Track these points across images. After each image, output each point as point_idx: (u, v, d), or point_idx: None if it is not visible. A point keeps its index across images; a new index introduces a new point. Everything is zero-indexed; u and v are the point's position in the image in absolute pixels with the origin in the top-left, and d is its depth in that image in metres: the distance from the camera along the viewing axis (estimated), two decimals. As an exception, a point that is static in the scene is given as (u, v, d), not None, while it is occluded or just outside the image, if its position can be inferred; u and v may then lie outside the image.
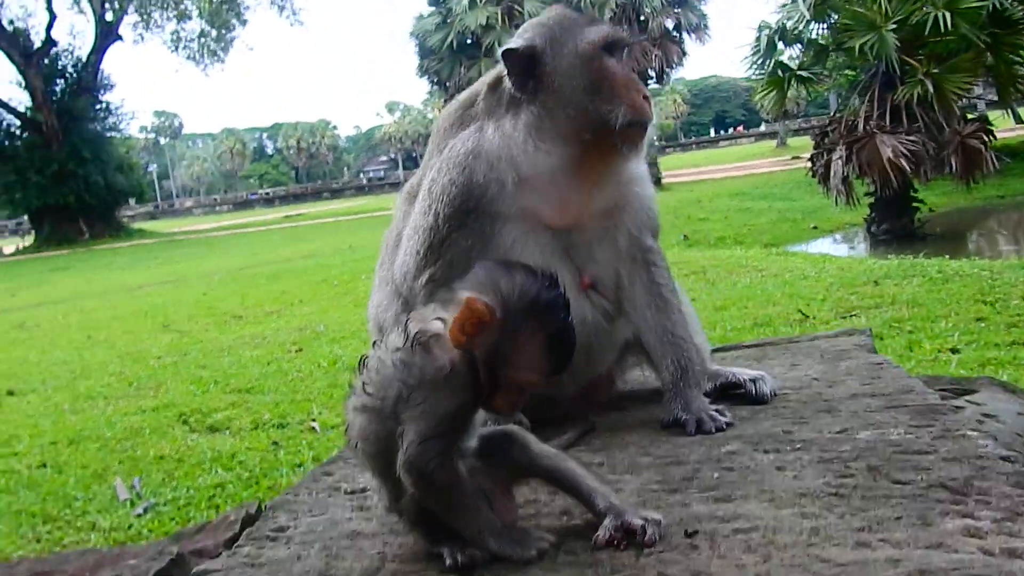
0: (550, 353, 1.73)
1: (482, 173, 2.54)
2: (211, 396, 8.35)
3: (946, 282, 9.94)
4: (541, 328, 1.71)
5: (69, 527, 5.53)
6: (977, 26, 15.36)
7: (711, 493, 1.99)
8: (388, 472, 1.80)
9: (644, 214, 2.74)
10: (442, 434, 1.71)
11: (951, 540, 1.60)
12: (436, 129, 2.81)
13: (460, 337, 1.71)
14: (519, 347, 1.71)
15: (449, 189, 2.55)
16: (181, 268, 25.34)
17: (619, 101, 2.46)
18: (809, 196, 22.49)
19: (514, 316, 1.70)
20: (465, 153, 2.57)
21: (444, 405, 1.71)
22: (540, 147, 2.51)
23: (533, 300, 1.71)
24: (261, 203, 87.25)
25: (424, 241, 2.59)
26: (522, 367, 1.73)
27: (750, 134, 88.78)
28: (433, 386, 1.71)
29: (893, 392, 2.56)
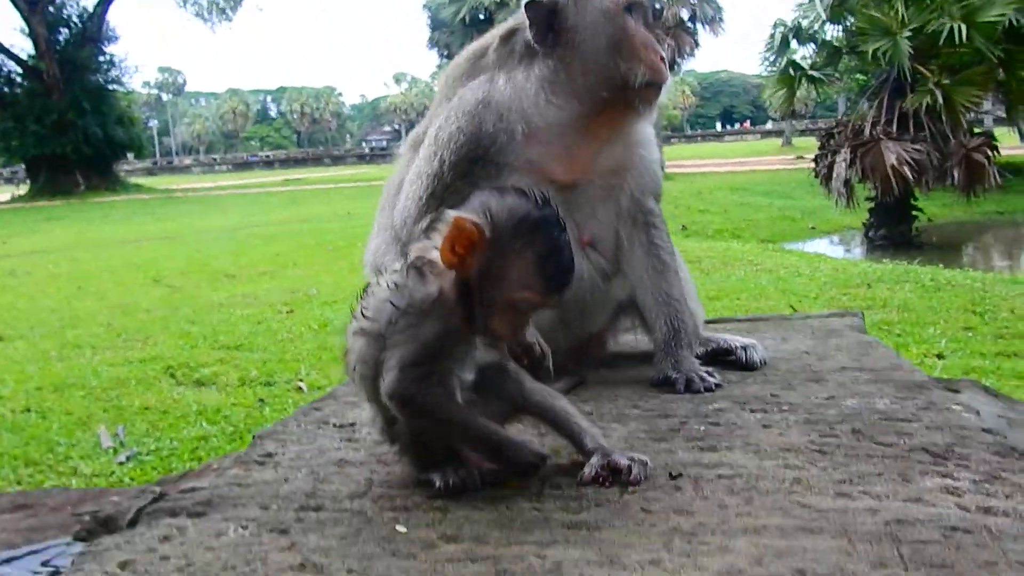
0: (543, 270, 1.70)
1: (491, 123, 2.54)
2: (199, 351, 8.36)
3: (938, 290, 10.01)
4: (531, 245, 1.69)
5: (51, 471, 5.55)
6: (992, 40, 15.37)
7: (696, 443, 2.02)
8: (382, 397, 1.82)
9: (648, 176, 2.76)
10: (423, 362, 1.71)
11: (929, 496, 1.64)
12: (445, 78, 2.81)
13: (451, 257, 1.70)
14: (510, 265, 1.69)
15: (457, 136, 2.56)
16: (176, 225, 25.25)
17: (638, 60, 2.47)
18: (810, 196, 22.52)
19: (503, 234, 1.69)
20: (475, 102, 2.57)
21: (428, 332, 1.72)
22: (552, 101, 2.52)
23: (522, 218, 1.70)
24: (261, 165, 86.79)
25: (427, 187, 2.60)
26: (515, 286, 1.70)
27: (756, 131, 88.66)
28: (420, 312, 1.73)
29: (881, 368, 2.60)
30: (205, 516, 1.77)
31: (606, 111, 2.55)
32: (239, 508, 1.80)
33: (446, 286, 1.74)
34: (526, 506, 1.72)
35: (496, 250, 1.69)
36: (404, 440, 1.86)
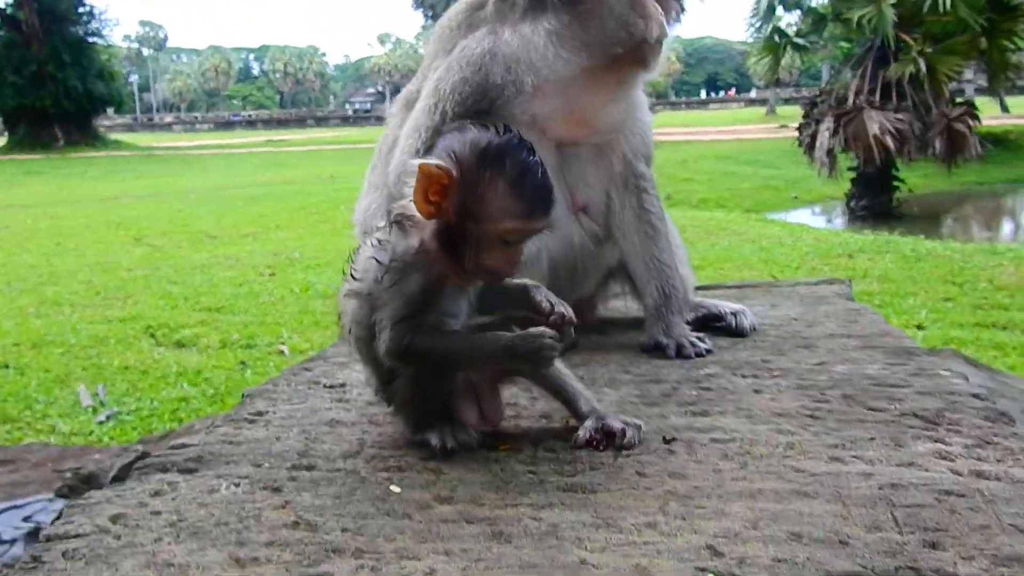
0: (519, 195, 1.65)
1: (499, 74, 2.50)
2: (180, 312, 8.32)
3: (918, 261, 10.09)
4: (501, 172, 1.65)
5: (29, 428, 5.53)
6: (976, 9, 15.36)
7: (689, 407, 2.03)
8: (376, 356, 1.81)
9: (640, 138, 2.75)
10: (412, 314, 1.71)
11: (922, 460, 1.65)
12: (440, 30, 2.75)
13: (426, 207, 1.67)
14: (486, 198, 1.65)
15: (461, 87, 2.52)
16: (157, 183, 25.00)
17: (651, 17, 2.48)
18: (794, 166, 22.56)
19: (470, 169, 1.65)
20: (482, 52, 2.53)
21: (412, 284, 1.71)
22: (561, 55, 2.49)
23: (485, 148, 1.66)
24: (243, 125, 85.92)
25: (426, 141, 2.54)
26: (496, 217, 1.66)
27: (740, 99, 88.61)
28: (403, 265, 1.71)
29: (870, 334, 2.61)
30: (197, 472, 1.76)
31: (613, 66, 2.54)
32: (231, 465, 1.79)
33: (426, 236, 1.72)
34: (520, 469, 1.72)
35: (468, 187, 1.65)
36: (400, 400, 1.86)
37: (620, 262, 2.80)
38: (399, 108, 2.89)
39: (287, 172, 28.09)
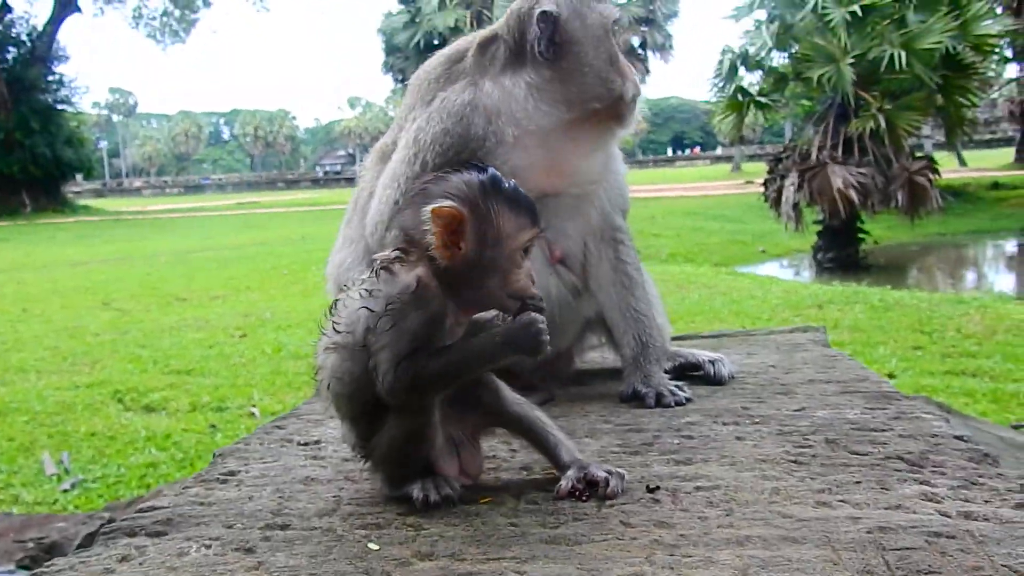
0: (522, 206, 1.76)
1: (481, 126, 2.52)
2: (149, 376, 8.19)
3: (887, 311, 10.20)
4: (501, 196, 1.74)
5: (-9, 499, 5.38)
6: (930, 67, 15.81)
7: (672, 456, 2.00)
8: (358, 411, 1.79)
9: (617, 191, 2.78)
10: (414, 351, 1.68)
11: (909, 503, 1.63)
12: (417, 82, 2.76)
13: (447, 250, 1.70)
14: (500, 221, 1.73)
15: (442, 138, 2.52)
16: (126, 247, 24.81)
17: (628, 77, 2.55)
18: (760, 220, 22.88)
19: (477, 202, 1.72)
20: (462, 104, 2.54)
21: (414, 322, 1.69)
22: (541, 108, 2.52)
23: (480, 182, 1.74)
24: (213, 188, 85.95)
25: (405, 190, 2.52)
26: (513, 233, 1.74)
27: (706, 156, 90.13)
28: (401, 307, 1.70)
29: (848, 380, 2.61)
30: (166, 535, 1.70)
31: (591, 121, 2.57)
32: (202, 527, 1.73)
33: (423, 275, 1.72)
34: (502, 521, 1.67)
35: (481, 219, 1.71)
36: (379, 456, 1.81)
37: (597, 313, 2.79)
38: (374, 160, 2.89)
39: (258, 234, 28.02)
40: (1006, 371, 7.31)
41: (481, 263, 1.72)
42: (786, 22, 17.52)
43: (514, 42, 2.56)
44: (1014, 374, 7.21)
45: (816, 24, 17.12)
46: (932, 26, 15.68)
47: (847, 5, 16.16)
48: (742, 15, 18.75)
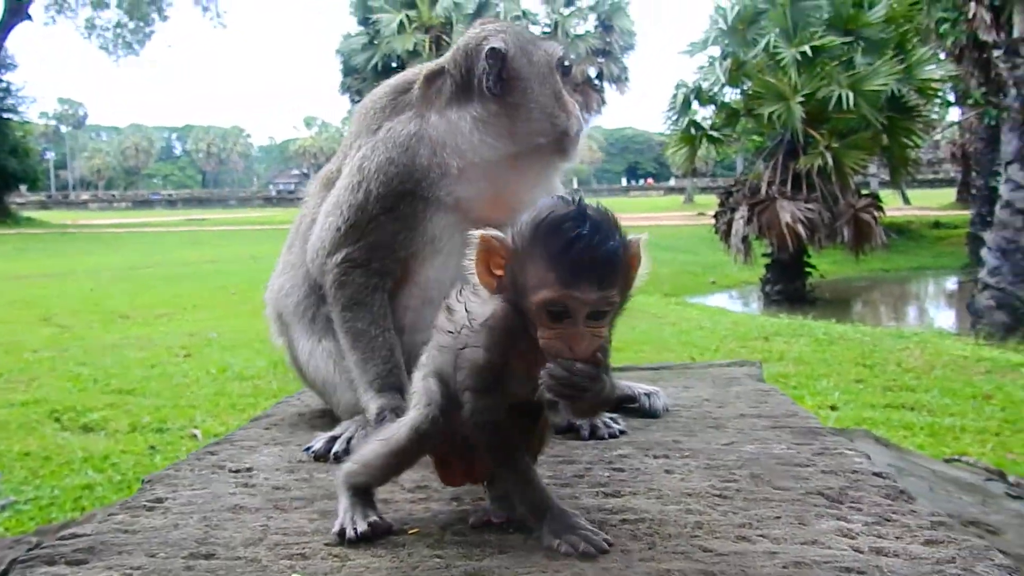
0: (559, 261, 1.51)
1: (426, 157, 2.54)
2: (88, 395, 8.02)
3: (831, 344, 10.40)
4: (547, 241, 1.53)
5: (-83, 521, 5.21)
6: (876, 108, 16.25)
7: (601, 489, 2.02)
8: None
9: None
10: (482, 390, 1.65)
11: (825, 538, 1.67)
12: (363, 110, 2.78)
13: (487, 278, 1.61)
14: (527, 267, 1.55)
15: (387, 168, 2.54)
16: (70, 262, 24.32)
17: (570, 111, 2.58)
18: (711, 252, 23.21)
19: (523, 239, 1.57)
20: (408, 135, 2.57)
21: (482, 356, 1.64)
22: (486, 141, 2.53)
23: (542, 219, 1.57)
24: (163, 204, 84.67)
25: (348, 218, 2.56)
26: (535, 286, 1.53)
27: (660, 187, 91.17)
28: (477, 335, 1.65)
29: (778, 415, 2.66)
30: (86, 564, 1.67)
31: (535, 155, 2.59)
32: (124, 556, 1.70)
33: (500, 309, 1.62)
34: (427, 553, 1.68)
35: (518, 258, 1.57)
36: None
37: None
38: (318, 187, 2.89)
39: (206, 252, 27.67)
40: (943, 405, 7.49)
41: (519, 303, 1.58)
42: (739, 59, 17.89)
43: (461, 76, 2.58)
44: (951, 408, 7.39)
45: (767, 62, 17.53)
46: (878, 69, 16.14)
47: (798, 45, 16.57)
48: (696, 51, 19.13)
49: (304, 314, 2.80)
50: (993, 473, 4.79)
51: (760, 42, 17.40)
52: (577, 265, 1.50)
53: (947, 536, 1.66)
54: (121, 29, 38.20)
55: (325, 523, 1.85)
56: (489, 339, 1.63)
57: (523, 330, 1.59)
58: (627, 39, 37.41)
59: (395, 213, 2.54)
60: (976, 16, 19.52)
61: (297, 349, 2.83)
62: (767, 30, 17.42)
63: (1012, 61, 14.51)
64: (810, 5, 17.12)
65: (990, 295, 14.33)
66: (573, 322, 1.53)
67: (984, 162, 26.57)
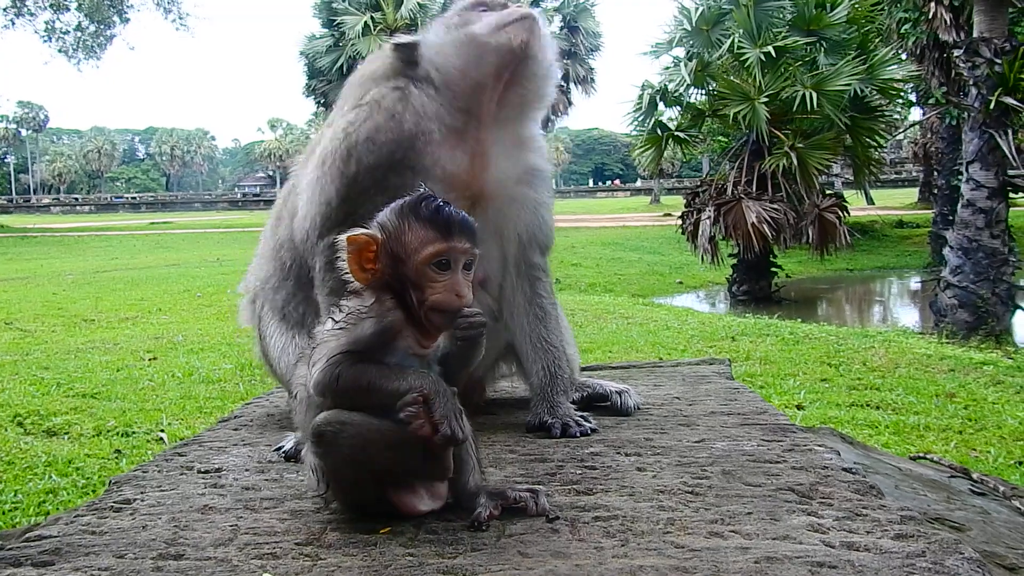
0: (434, 221, 1.77)
1: (411, 123, 2.52)
2: (51, 399, 7.87)
3: (796, 343, 10.47)
4: (414, 213, 1.78)
5: None
6: (839, 108, 16.41)
7: (573, 486, 2.02)
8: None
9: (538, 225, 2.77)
10: (352, 352, 1.72)
11: (796, 533, 1.68)
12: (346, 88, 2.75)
13: (362, 274, 1.77)
14: (405, 237, 1.76)
15: (375, 136, 2.51)
16: (32, 266, 23.93)
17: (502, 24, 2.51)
18: (677, 252, 23.35)
19: (391, 224, 1.78)
20: (394, 100, 2.54)
21: (364, 328, 1.74)
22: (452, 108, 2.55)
23: (401, 204, 1.81)
24: (126, 207, 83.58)
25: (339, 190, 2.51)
26: (417, 246, 1.75)
27: (626, 188, 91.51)
28: (356, 316, 1.75)
29: (748, 412, 2.68)
30: (52, 566, 1.64)
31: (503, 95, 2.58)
32: (91, 557, 1.68)
33: (381, 294, 1.77)
34: (400, 552, 1.67)
35: (392, 239, 1.77)
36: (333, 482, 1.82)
37: (508, 343, 2.81)
38: (304, 162, 2.86)
39: (171, 255, 27.34)
40: (908, 404, 7.57)
41: (399, 281, 1.76)
42: (704, 60, 17.99)
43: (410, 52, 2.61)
44: (915, 407, 7.47)
45: (732, 63, 17.65)
46: (841, 69, 16.30)
47: (762, 46, 16.69)
48: (661, 52, 19.22)
49: (279, 308, 2.77)
50: (957, 470, 4.85)
51: (724, 43, 17.50)
52: (450, 221, 1.77)
53: (917, 530, 1.68)
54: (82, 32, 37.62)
55: (296, 523, 1.83)
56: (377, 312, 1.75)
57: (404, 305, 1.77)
58: (593, 40, 37.50)
59: (385, 184, 2.46)
60: (936, 16, 19.80)
61: (268, 344, 2.79)
62: (731, 31, 17.54)
63: (972, 61, 14.74)
64: (774, 6, 17.27)
65: (952, 294, 14.55)
66: (453, 272, 1.76)
67: (946, 162, 26.97)
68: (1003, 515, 3.63)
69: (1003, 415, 7.21)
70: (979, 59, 14.61)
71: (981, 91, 14.65)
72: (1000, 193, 14.62)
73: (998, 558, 2.64)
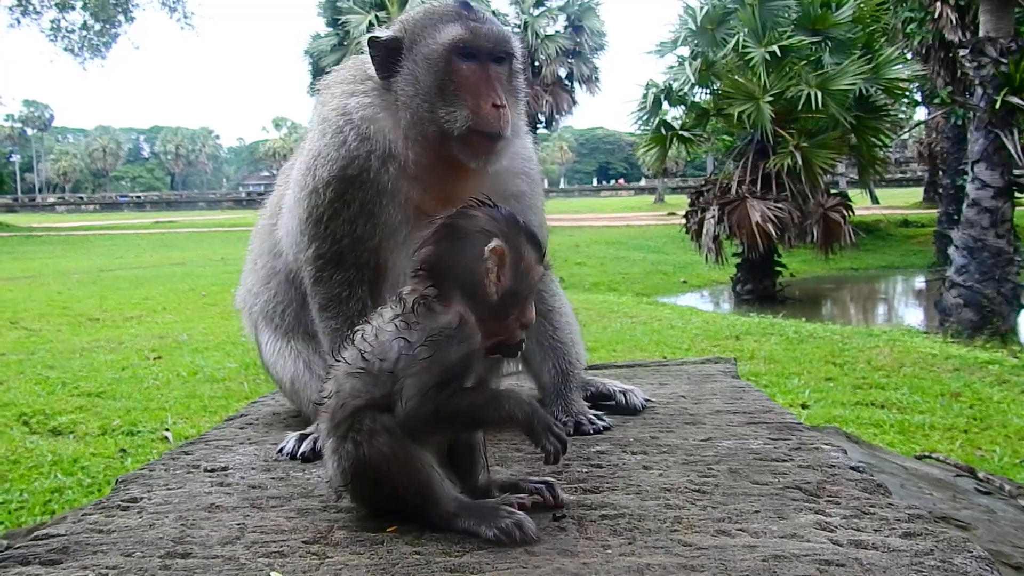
0: (538, 244, 1.87)
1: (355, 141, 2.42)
2: (57, 398, 7.90)
3: (801, 342, 10.47)
4: (523, 232, 1.86)
5: None
6: (845, 107, 16.38)
7: (580, 485, 2.02)
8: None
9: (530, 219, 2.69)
10: (448, 382, 1.72)
11: (804, 532, 1.68)
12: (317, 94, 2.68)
13: (499, 284, 1.78)
14: (526, 254, 1.83)
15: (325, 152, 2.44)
16: (37, 265, 23.97)
17: (463, 106, 2.33)
18: (682, 252, 23.33)
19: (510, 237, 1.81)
20: (338, 119, 2.46)
21: (454, 355, 1.73)
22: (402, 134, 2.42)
23: (508, 217, 1.86)
24: (131, 206, 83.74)
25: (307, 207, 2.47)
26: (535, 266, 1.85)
27: (630, 187, 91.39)
28: (440, 340, 1.74)
29: (754, 411, 2.68)
30: (60, 564, 1.64)
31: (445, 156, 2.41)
32: (99, 555, 1.68)
33: (464, 312, 1.77)
34: (407, 550, 1.67)
35: (514, 253, 1.81)
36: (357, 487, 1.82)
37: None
38: (285, 175, 2.86)
39: (176, 254, 27.39)
40: (912, 403, 7.57)
41: (514, 296, 1.80)
42: (708, 59, 17.97)
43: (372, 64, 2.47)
44: (920, 406, 7.47)
45: (737, 62, 17.63)
46: (846, 68, 16.27)
47: (766, 45, 16.67)
48: (666, 51, 19.19)
49: (272, 314, 2.76)
50: (963, 469, 4.85)
51: (729, 42, 17.49)
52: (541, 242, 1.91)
53: (925, 529, 1.68)
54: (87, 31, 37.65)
55: (303, 521, 1.83)
56: (462, 337, 1.75)
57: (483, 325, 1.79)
58: (597, 39, 37.45)
59: (346, 198, 2.42)
60: (942, 16, 19.78)
61: (264, 349, 2.79)
62: (736, 30, 17.52)
63: (978, 60, 14.71)
64: (779, 5, 17.24)
65: (957, 293, 14.52)
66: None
67: (951, 161, 26.92)
68: (1009, 514, 3.63)
69: (1008, 414, 7.20)
70: (985, 59, 14.57)
71: (987, 91, 14.61)
72: (1005, 192, 14.59)
73: (1004, 557, 2.64)
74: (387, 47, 2.40)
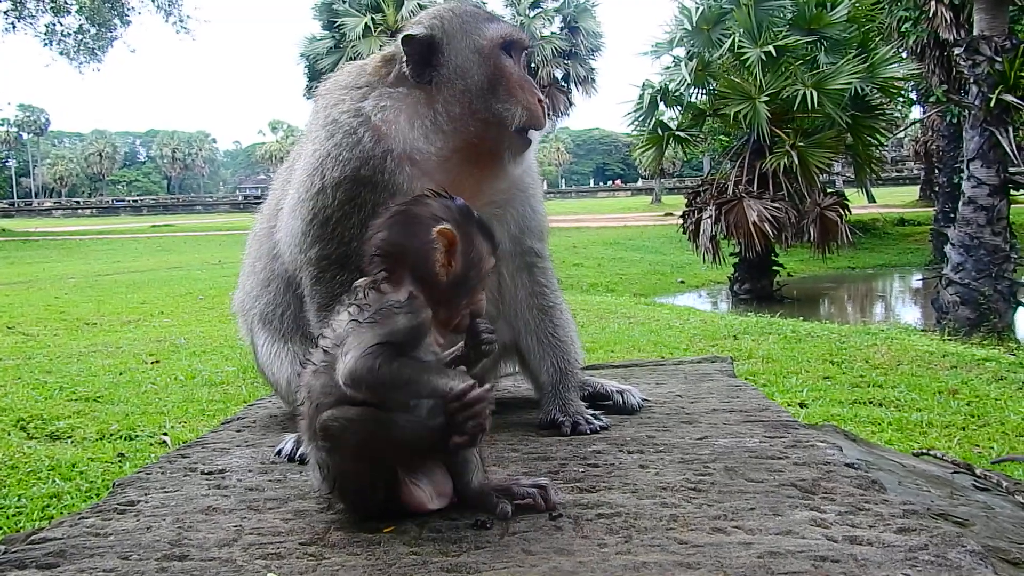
0: (489, 235, 1.92)
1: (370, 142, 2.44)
2: (54, 403, 7.87)
3: (799, 342, 10.47)
4: (475, 223, 1.89)
5: None
6: (840, 107, 16.41)
7: (576, 484, 2.03)
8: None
9: (530, 214, 2.71)
10: (389, 344, 1.72)
11: (799, 528, 1.69)
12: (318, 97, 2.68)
13: (448, 267, 1.81)
14: (477, 243, 1.87)
15: (336, 153, 2.46)
16: (33, 269, 23.94)
17: (516, 102, 2.40)
18: (679, 252, 23.35)
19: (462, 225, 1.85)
20: (353, 120, 2.48)
21: (400, 323, 1.75)
22: (423, 132, 2.43)
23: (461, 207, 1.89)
24: (128, 210, 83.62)
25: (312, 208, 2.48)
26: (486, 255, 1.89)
27: (627, 188, 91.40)
28: (389, 312, 1.76)
29: (750, 409, 2.68)
30: (57, 568, 1.65)
31: (477, 150, 2.44)
32: (96, 559, 1.68)
33: (414, 290, 1.80)
34: (404, 550, 1.67)
35: (466, 241, 1.85)
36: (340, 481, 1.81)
37: (511, 340, 2.78)
38: (282, 177, 2.86)
39: (173, 258, 27.37)
40: (910, 401, 7.57)
41: (463, 282, 1.83)
42: (704, 60, 17.99)
43: (399, 63, 2.47)
44: (918, 404, 7.47)
45: (733, 63, 17.65)
46: (842, 68, 16.30)
47: (762, 45, 16.69)
48: (662, 51, 19.22)
49: (271, 316, 2.76)
50: (961, 466, 4.85)
51: (725, 42, 17.51)
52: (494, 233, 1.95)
53: (919, 524, 1.69)
54: (82, 35, 37.60)
55: (299, 523, 1.84)
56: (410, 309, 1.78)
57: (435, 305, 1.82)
58: (593, 41, 37.49)
59: (358, 201, 2.43)
60: (937, 15, 19.82)
61: (260, 351, 2.80)
62: (732, 30, 17.55)
63: (972, 59, 14.72)
64: (774, 5, 17.28)
65: (954, 291, 14.54)
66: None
67: (947, 159, 26.96)
68: (1007, 510, 3.63)
69: (1006, 411, 7.21)
70: (979, 57, 14.59)
71: (982, 89, 14.63)
72: (1001, 190, 14.61)
73: (1002, 553, 2.65)
74: (426, 44, 2.41)
